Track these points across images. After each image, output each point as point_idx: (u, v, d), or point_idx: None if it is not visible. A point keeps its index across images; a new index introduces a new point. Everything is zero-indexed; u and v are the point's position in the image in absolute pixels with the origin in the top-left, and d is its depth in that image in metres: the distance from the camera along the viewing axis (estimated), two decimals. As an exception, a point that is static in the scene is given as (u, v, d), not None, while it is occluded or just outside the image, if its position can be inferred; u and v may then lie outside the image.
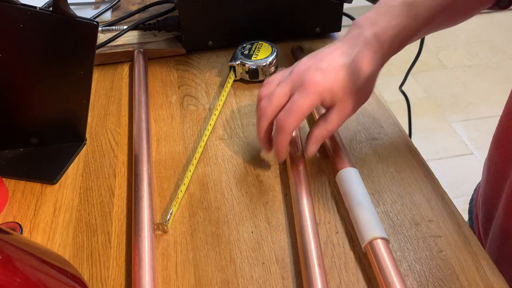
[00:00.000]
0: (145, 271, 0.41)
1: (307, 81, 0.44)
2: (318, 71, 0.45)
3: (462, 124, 2.01)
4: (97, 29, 0.50)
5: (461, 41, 2.55)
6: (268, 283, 0.42)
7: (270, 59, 0.65)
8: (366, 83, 0.46)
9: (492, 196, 0.55)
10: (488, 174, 0.56)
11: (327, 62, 0.45)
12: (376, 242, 0.42)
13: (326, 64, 0.45)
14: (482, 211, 0.59)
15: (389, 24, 0.46)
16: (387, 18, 0.46)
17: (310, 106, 0.45)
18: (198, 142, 0.57)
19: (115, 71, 0.70)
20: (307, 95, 0.44)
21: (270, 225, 0.47)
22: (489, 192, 0.56)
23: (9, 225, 0.48)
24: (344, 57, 0.45)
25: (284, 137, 0.46)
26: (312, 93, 0.44)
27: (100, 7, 0.81)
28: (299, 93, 0.45)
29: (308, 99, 0.44)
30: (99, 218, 0.49)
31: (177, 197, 0.49)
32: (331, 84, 0.44)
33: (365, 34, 0.46)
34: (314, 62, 0.46)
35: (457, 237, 0.45)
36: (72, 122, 0.56)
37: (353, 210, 0.45)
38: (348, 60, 0.45)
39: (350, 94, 0.46)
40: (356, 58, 0.45)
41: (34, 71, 0.52)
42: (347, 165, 0.50)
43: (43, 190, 0.52)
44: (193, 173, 0.53)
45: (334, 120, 0.47)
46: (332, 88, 0.45)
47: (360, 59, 0.45)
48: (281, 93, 0.46)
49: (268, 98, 0.47)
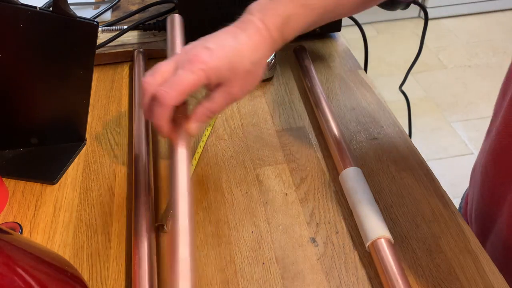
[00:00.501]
0: (145, 270, 0.41)
1: (193, 58, 0.43)
2: (205, 50, 0.44)
3: (462, 124, 2.01)
4: (97, 29, 0.50)
5: (461, 41, 2.55)
6: (268, 283, 0.42)
7: (269, 58, 0.65)
8: (253, 68, 0.46)
9: (489, 210, 0.54)
10: (483, 187, 0.55)
11: (214, 42, 0.45)
12: (380, 242, 0.42)
13: (213, 44, 0.44)
14: (477, 224, 0.58)
15: (276, 12, 0.46)
16: (275, 5, 0.46)
17: (194, 83, 0.43)
18: (198, 142, 0.57)
19: (115, 71, 0.70)
20: (192, 71, 0.43)
21: (270, 225, 0.47)
22: (484, 206, 0.55)
23: (9, 225, 0.48)
24: (232, 39, 0.45)
25: (162, 110, 0.44)
26: (197, 70, 0.43)
27: (100, 7, 0.81)
28: (183, 68, 0.44)
29: (193, 75, 0.43)
30: (99, 218, 0.49)
31: None
32: (217, 64, 0.44)
33: (254, 20, 0.46)
34: (201, 41, 0.45)
35: (457, 237, 0.45)
36: (72, 122, 0.56)
37: (358, 209, 0.45)
38: (236, 42, 0.45)
39: (236, 76, 0.45)
40: (244, 42, 0.45)
41: (34, 71, 0.52)
42: (351, 165, 0.50)
43: (43, 190, 0.52)
44: (192, 173, 0.53)
45: (218, 101, 0.46)
46: (219, 68, 0.44)
47: (248, 43, 0.45)
48: (165, 68, 0.45)
49: (152, 73, 0.45)
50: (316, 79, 0.63)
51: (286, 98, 0.64)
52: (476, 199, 0.58)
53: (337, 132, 0.55)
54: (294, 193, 0.50)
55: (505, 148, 0.49)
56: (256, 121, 0.60)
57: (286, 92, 0.65)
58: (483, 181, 0.55)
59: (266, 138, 0.57)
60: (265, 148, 0.56)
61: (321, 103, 0.59)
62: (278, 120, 0.60)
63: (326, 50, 0.73)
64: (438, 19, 2.71)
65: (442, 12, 2.70)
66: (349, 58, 0.71)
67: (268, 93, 0.65)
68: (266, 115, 0.61)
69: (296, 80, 0.67)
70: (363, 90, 0.64)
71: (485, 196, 0.55)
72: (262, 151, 0.56)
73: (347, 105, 0.62)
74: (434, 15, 2.69)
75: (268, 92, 0.65)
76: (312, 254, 0.44)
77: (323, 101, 0.59)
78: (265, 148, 0.56)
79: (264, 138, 0.57)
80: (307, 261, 0.44)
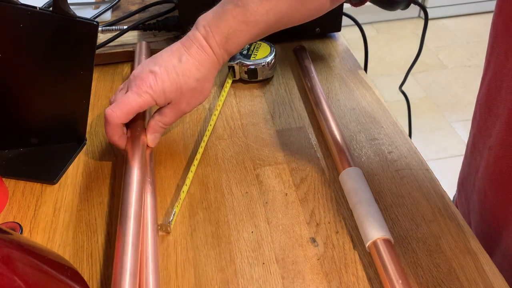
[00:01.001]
0: (149, 272, 0.41)
1: (139, 82, 0.48)
2: (150, 74, 0.48)
3: (462, 124, 2.01)
4: (97, 29, 0.50)
5: (461, 41, 2.55)
6: (268, 283, 0.42)
7: (269, 58, 0.65)
8: (198, 85, 0.49)
9: (490, 230, 0.52)
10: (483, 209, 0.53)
11: (159, 64, 0.48)
12: (380, 242, 0.42)
13: (158, 67, 0.48)
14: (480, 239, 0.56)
15: (219, 29, 0.48)
16: (218, 22, 0.48)
17: (140, 105, 0.48)
18: (199, 142, 0.57)
19: (115, 71, 0.70)
20: (138, 94, 0.47)
21: (270, 225, 0.47)
22: (486, 227, 0.53)
23: (9, 225, 0.48)
24: (176, 59, 0.48)
25: (110, 127, 0.48)
26: (143, 93, 0.47)
27: (100, 7, 0.81)
28: (131, 91, 0.48)
29: (139, 98, 0.47)
30: (99, 218, 0.49)
31: (179, 197, 0.49)
32: (162, 87, 0.47)
33: (198, 37, 0.49)
34: (148, 64, 0.49)
35: (457, 237, 0.45)
36: (72, 122, 0.56)
37: (358, 209, 0.45)
38: (179, 62, 0.48)
39: (182, 95, 0.49)
40: (187, 61, 0.48)
41: (34, 71, 0.52)
42: (351, 165, 0.50)
43: (43, 190, 0.52)
44: (194, 173, 0.53)
45: (168, 116, 0.51)
46: (164, 90, 0.48)
47: (191, 62, 0.48)
48: (118, 91, 0.50)
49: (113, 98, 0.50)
50: (316, 79, 0.63)
51: (286, 98, 0.64)
52: (474, 218, 0.56)
53: (337, 132, 0.55)
54: (294, 193, 0.50)
55: (507, 172, 0.47)
56: (256, 121, 0.60)
57: (286, 92, 0.65)
58: (481, 202, 0.53)
59: (266, 138, 0.57)
60: (265, 148, 0.56)
61: (321, 103, 0.59)
62: (278, 120, 0.60)
63: (326, 50, 0.73)
64: (438, 19, 2.71)
65: (442, 12, 2.70)
66: (349, 58, 0.71)
67: (268, 93, 0.65)
68: (266, 115, 0.61)
69: (296, 80, 0.67)
70: (363, 90, 0.64)
71: (485, 218, 0.53)
72: (262, 151, 0.56)
73: (347, 105, 0.62)
74: (434, 15, 2.69)
75: (268, 92, 0.65)
76: (312, 254, 0.44)
77: (323, 101, 0.59)
78: (265, 148, 0.56)
79: (264, 138, 0.57)
80: (307, 261, 0.44)
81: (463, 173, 0.60)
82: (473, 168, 0.55)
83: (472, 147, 0.55)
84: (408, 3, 0.67)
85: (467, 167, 0.58)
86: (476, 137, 0.54)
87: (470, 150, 0.57)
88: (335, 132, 0.55)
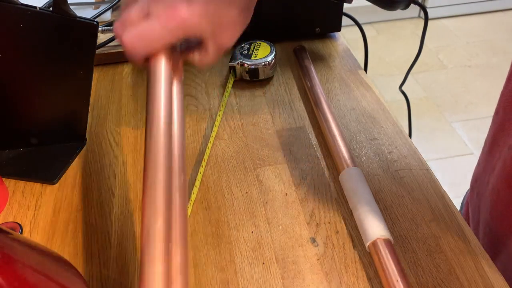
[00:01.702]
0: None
1: (169, 10, 0.36)
2: (184, 3, 0.36)
3: (462, 124, 2.01)
4: (97, 29, 0.50)
5: (461, 41, 2.55)
6: (268, 283, 0.42)
7: (270, 58, 0.65)
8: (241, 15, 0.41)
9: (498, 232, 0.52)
10: (494, 210, 0.52)
11: None
12: (380, 242, 0.42)
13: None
14: (485, 242, 0.55)
15: None
16: None
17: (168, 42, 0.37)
18: (199, 142, 0.57)
19: (115, 71, 0.70)
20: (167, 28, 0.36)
21: (270, 225, 0.47)
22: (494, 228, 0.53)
23: (9, 225, 0.48)
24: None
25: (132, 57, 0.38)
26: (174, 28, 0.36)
27: (100, 7, 0.81)
28: (158, 19, 0.36)
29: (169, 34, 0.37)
30: (99, 218, 0.49)
31: (190, 199, 0.49)
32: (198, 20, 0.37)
33: None
34: None
35: (457, 237, 0.45)
36: (72, 122, 0.56)
37: (358, 209, 0.45)
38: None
39: (222, 28, 0.39)
40: None
41: (34, 71, 0.52)
42: (351, 165, 0.50)
43: (43, 190, 0.52)
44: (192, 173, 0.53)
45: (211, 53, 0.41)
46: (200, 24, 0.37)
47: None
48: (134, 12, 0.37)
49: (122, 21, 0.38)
50: (316, 79, 0.63)
51: (286, 98, 0.64)
52: (484, 217, 0.55)
53: (337, 132, 0.55)
54: (294, 193, 0.50)
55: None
56: (256, 121, 0.60)
57: (286, 92, 0.65)
58: (493, 202, 0.52)
59: (266, 138, 0.57)
60: (265, 148, 0.56)
61: (321, 103, 0.59)
62: (278, 120, 0.60)
63: (326, 50, 0.73)
64: (438, 19, 2.72)
65: (442, 12, 2.70)
66: (349, 58, 0.71)
67: (268, 93, 0.65)
68: (266, 115, 0.61)
69: (296, 80, 0.67)
70: (363, 90, 0.64)
71: (495, 218, 0.53)
72: (262, 151, 0.56)
73: (347, 105, 0.62)
74: (434, 15, 2.69)
75: (268, 92, 0.65)
76: (312, 254, 0.44)
77: (323, 101, 0.59)
78: (265, 148, 0.56)
79: (264, 138, 0.57)
80: (307, 261, 0.44)
81: (479, 168, 0.59)
82: (490, 165, 0.54)
83: (491, 143, 0.54)
84: (408, 3, 0.67)
85: (483, 163, 0.57)
86: (497, 134, 0.53)
87: (488, 147, 0.55)
88: (335, 132, 0.55)
